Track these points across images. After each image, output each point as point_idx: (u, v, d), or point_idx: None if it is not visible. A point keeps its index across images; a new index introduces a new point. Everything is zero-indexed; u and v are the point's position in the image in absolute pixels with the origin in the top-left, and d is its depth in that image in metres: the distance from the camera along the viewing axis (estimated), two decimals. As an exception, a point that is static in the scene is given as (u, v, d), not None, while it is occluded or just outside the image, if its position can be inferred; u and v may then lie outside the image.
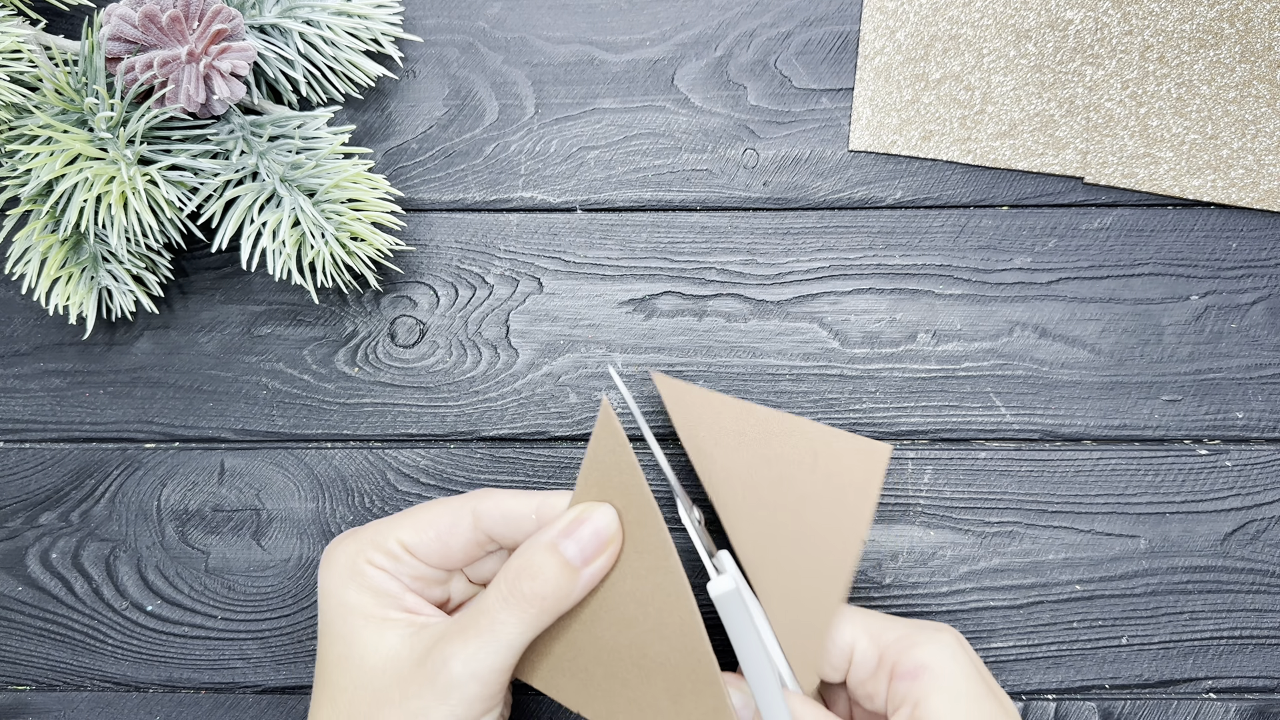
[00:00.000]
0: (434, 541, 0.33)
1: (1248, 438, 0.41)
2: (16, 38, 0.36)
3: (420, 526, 0.33)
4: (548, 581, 0.30)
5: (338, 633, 0.32)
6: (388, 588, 0.33)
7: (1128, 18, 0.41)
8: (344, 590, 0.32)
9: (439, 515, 0.33)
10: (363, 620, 0.32)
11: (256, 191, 0.38)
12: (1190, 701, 0.40)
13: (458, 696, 0.29)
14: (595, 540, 0.31)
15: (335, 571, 0.33)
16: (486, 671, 0.30)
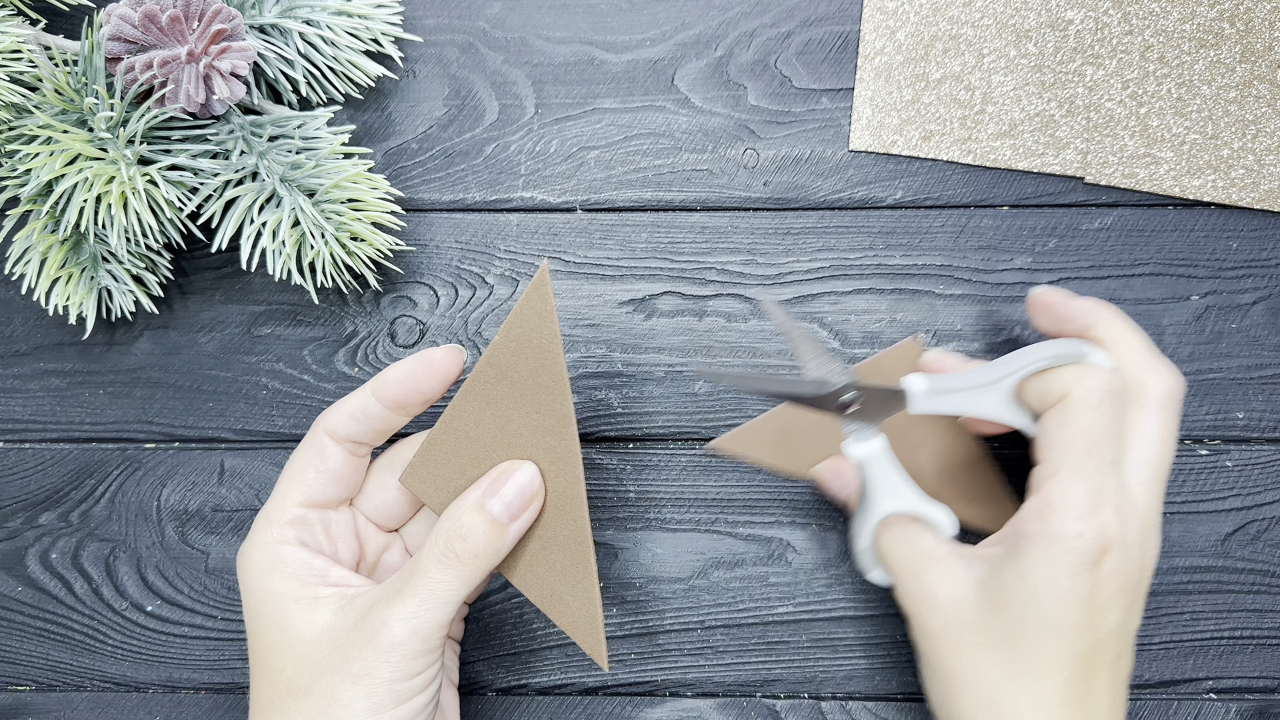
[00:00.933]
0: (316, 481, 0.34)
1: (1248, 438, 0.41)
2: (16, 37, 0.36)
3: (297, 479, 0.34)
4: (478, 540, 0.32)
5: (269, 622, 0.32)
6: (311, 565, 0.33)
7: (1128, 18, 0.41)
8: (267, 581, 0.32)
9: (304, 460, 0.34)
10: (292, 603, 0.32)
11: (256, 191, 0.38)
12: (1191, 702, 0.40)
13: (400, 653, 0.30)
14: (520, 497, 0.32)
15: (253, 569, 0.33)
16: (427, 627, 0.31)
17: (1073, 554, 0.30)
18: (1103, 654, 0.31)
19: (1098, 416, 0.31)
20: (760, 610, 0.41)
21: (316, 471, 0.34)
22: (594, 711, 0.41)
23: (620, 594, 0.41)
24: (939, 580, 0.32)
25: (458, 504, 0.32)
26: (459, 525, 0.32)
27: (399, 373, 0.34)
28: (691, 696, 0.41)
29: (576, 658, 0.41)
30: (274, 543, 0.33)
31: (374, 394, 0.34)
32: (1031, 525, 0.31)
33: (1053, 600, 0.30)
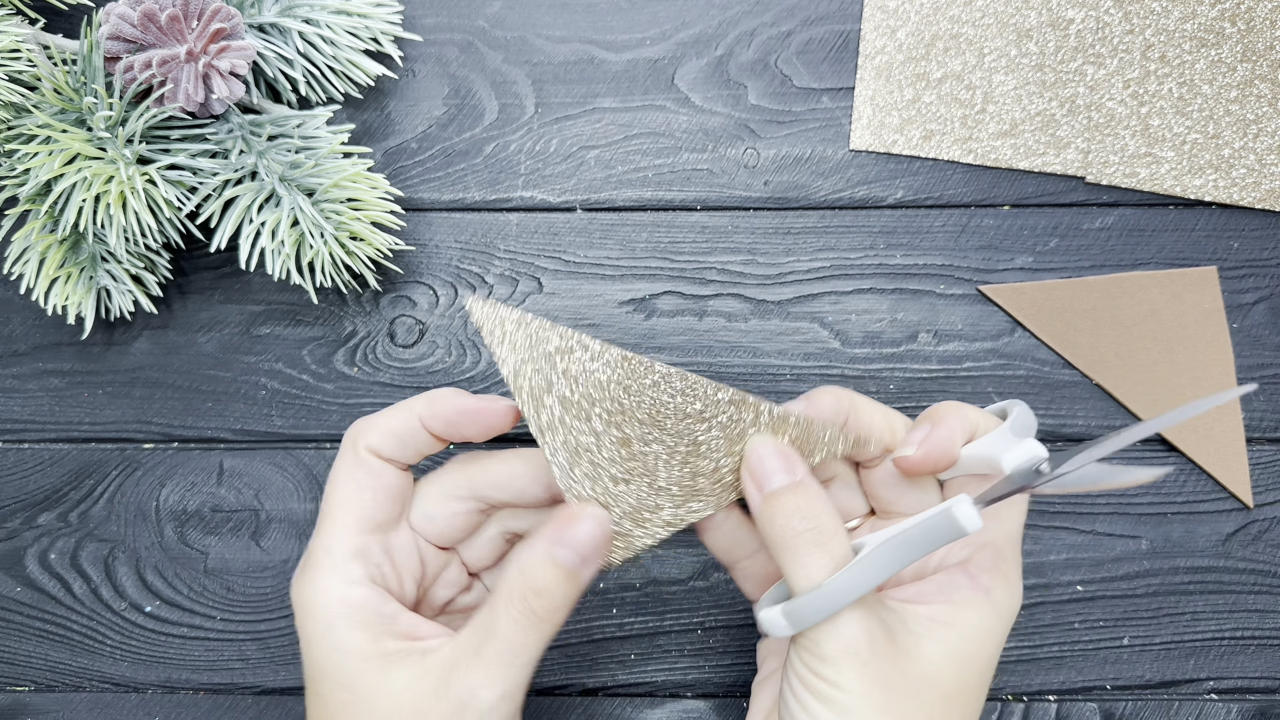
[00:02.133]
0: (375, 500, 0.32)
1: (1249, 438, 0.41)
2: (15, 37, 0.36)
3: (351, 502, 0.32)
4: (555, 595, 0.30)
5: (336, 680, 0.30)
6: (381, 611, 0.31)
7: (1129, 17, 0.41)
8: (332, 634, 0.31)
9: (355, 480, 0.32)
10: (361, 662, 0.30)
11: (255, 191, 0.38)
12: (1192, 702, 0.40)
13: (501, 712, 0.30)
14: (591, 541, 0.31)
15: (316, 614, 0.31)
16: (515, 689, 0.30)
17: (1006, 628, 0.31)
18: None
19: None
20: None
21: (373, 491, 0.32)
22: (594, 712, 0.41)
23: (620, 595, 0.41)
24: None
25: (529, 557, 0.31)
26: (534, 581, 0.30)
27: (451, 412, 0.32)
28: (691, 697, 0.41)
29: (577, 658, 0.41)
30: (339, 583, 0.31)
31: (422, 422, 0.32)
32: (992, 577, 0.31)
33: (977, 672, 0.30)
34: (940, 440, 0.31)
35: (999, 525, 0.32)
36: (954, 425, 0.31)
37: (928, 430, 0.31)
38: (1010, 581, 0.31)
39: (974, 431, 0.32)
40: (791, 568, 0.30)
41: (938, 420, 0.32)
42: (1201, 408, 0.25)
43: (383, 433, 0.32)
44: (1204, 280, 0.41)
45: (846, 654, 0.29)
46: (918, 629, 0.30)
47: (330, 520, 0.32)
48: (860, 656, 0.28)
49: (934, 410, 0.32)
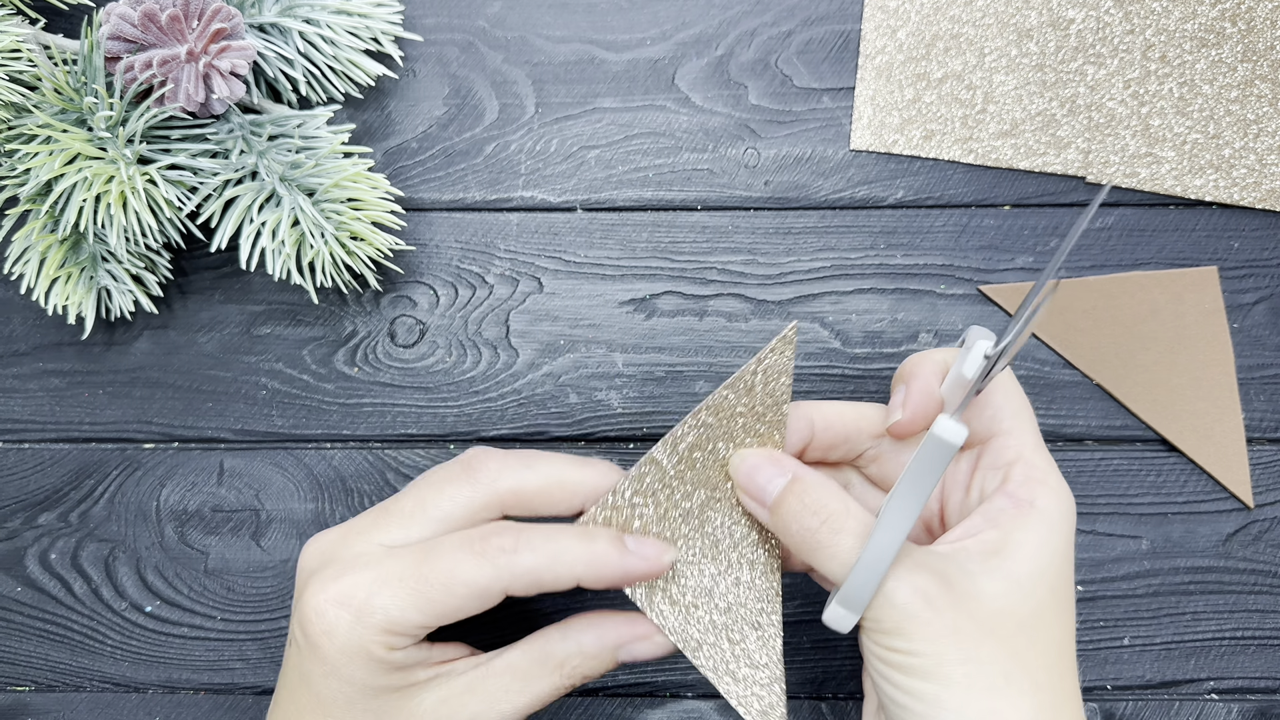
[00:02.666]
0: (458, 617, 0.30)
1: (1249, 438, 0.41)
2: (16, 37, 0.36)
3: (441, 611, 0.29)
4: (598, 677, 0.33)
5: (363, 707, 0.30)
6: (414, 658, 0.31)
7: (1129, 17, 0.41)
8: (367, 676, 0.30)
9: (465, 601, 0.29)
10: (393, 693, 0.30)
11: (256, 191, 0.38)
12: (1192, 703, 0.40)
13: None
14: (650, 656, 0.33)
15: (354, 660, 0.30)
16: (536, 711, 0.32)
17: (1066, 531, 0.30)
18: (1071, 637, 0.30)
19: (1016, 385, 0.33)
20: (761, 611, 0.41)
21: (465, 614, 0.30)
22: (594, 712, 0.41)
23: (621, 595, 0.41)
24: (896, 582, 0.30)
25: (595, 650, 0.32)
26: (591, 671, 0.32)
27: (614, 583, 0.32)
28: (692, 698, 0.41)
29: (577, 658, 0.41)
30: (382, 650, 0.30)
31: (584, 583, 0.31)
32: (1030, 488, 0.30)
33: (1068, 561, 0.30)
34: (920, 393, 0.32)
35: (1015, 439, 0.32)
36: (927, 373, 0.33)
37: (905, 390, 0.33)
38: (1051, 485, 0.31)
39: (945, 370, 0.33)
40: (824, 561, 0.30)
41: (910, 375, 0.33)
42: None
43: (537, 585, 0.30)
44: (1204, 280, 0.41)
45: (907, 619, 0.28)
46: (973, 566, 0.29)
47: (415, 600, 0.29)
48: (920, 618, 0.28)
49: (904, 368, 0.34)
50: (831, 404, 0.34)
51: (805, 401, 0.34)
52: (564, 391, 0.42)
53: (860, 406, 0.34)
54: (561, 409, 0.42)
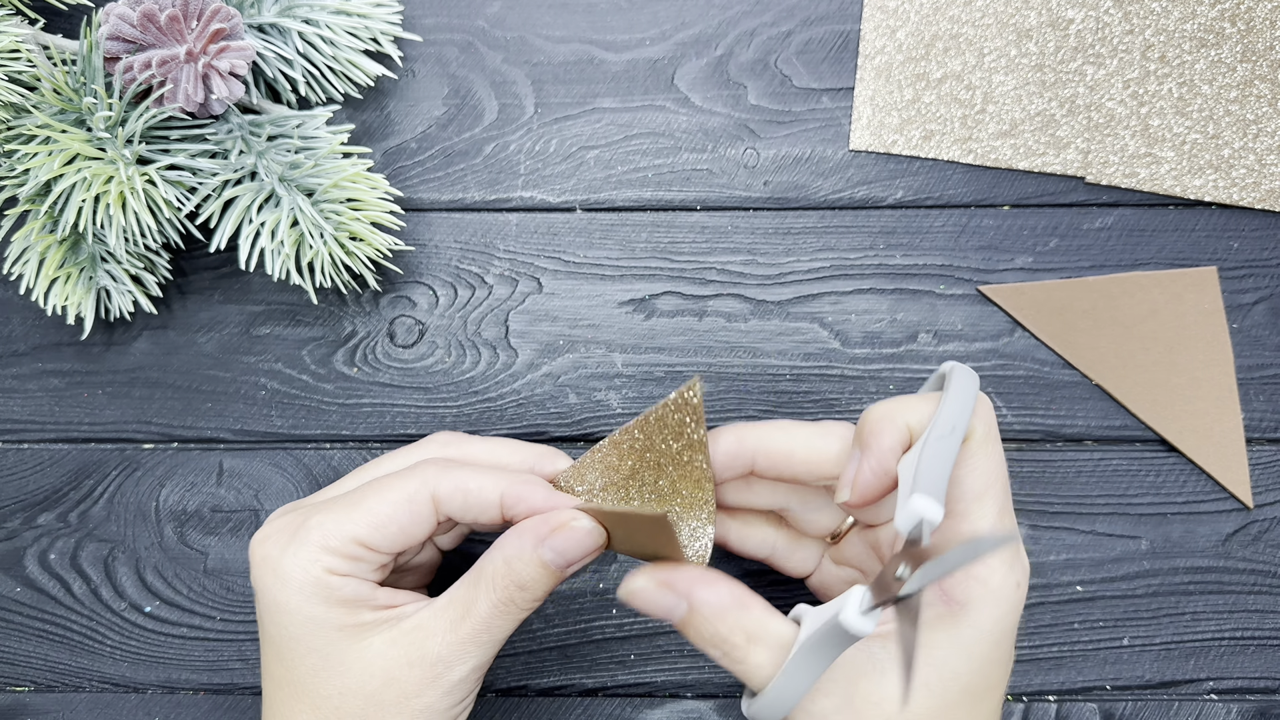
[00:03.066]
0: (397, 535, 0.31)
1: (1249, 438, 0.41)
2: (15, 37, 0.36)
3: (378, 523, 0.31)
4: (537, 589, 0.31)
5: (309, 646, 0.31)
6: (358, 593, 0.31)
7: (1129, 17, 0.41)
8: (308, 606, 0.31)
9: (396, 508, 0.31)
10: (337, 631, 0.31)
11: (255, 191, 0.38)
12: (1192, 703, 0.40)
13: (461, 688, 0.31)
14: (580, 552, 0.31)
15: (290, 585, 0.31)
16: (484, 664, 0.32)
17: (996, 634, 0.29)
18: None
19: (995, 450, 0.30)
20: (760, 611, 0.41)
21: (400, 529, 0.31)
22: (594, 712, 0.41)
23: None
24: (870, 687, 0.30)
25: (517, 553, 0.31)
26: (519, 576, 0.31)
27: (534, 509, 0.32)
28: (692, 698, 0.41)
29: (576, 659, 0.41)
30: (320, 571, 0.31)
31: (502, 507, 0.32)
32: (968, 588, 0.29)
33: (995, 663, 0.29)
34: (870, 476, 0.30)
35: (969, 525, 0.30)
36: (884, 449, 0.30)
37: (857, 464, 0.30)
38: (992, 586, 0.29)
39: (910, 435, 0.30)
40: (738, 678, 0.30)
41: (865, 446, 0.30)
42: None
43: (458, 489, 0.31)
44: (1204, 280, 0.41)
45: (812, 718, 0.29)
46: (885, 664, 0.29)
47: (338, 511, 0.31)
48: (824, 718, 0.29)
49: (863, 427, 0.31)
50: (782, 436, 0.32)
51: (756, 430, 0.32)
52: (563, 392, 0.42)
53: (814, 441, 0.31)
54: (561, 409, 0.42)
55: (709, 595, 0.30)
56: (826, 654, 0.27)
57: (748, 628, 0.29)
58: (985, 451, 0.30)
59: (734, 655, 0.29)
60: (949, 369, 0.31)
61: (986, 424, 0.30)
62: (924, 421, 0.30)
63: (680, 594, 0.30)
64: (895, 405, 0.30)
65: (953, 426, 0.28)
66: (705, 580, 0.30)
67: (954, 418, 0.29)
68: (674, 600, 0.30)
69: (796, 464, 0.31)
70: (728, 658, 0.30)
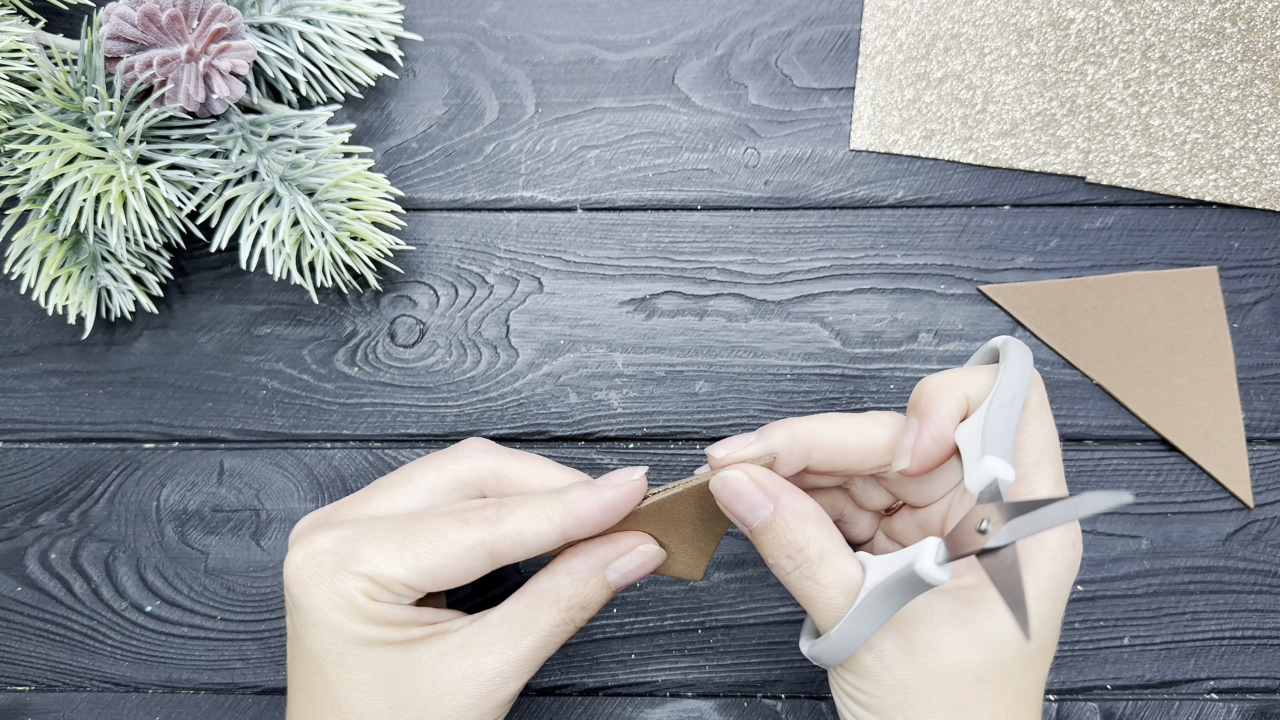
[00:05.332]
0: (445, 583, 0.30)
1: (1249, 438, 0.41)
2: (16, 37, 0.36)
3: (430, 571, 0.30)
4: (596, 607, 0.32)
5: (358, 661, 0.30)
6: (405, 616, 0.31)
7: (1129, 17, 0.41)
8: (356, 625, 0.30)
9: (449, 560, 0.30)
10: (386, 647, 0.30)
11: (256, 191, 0.38)
12: (1192, 702, 0.40)
13: (510, 703, 0.32)
14: (642, 571, 0.32)
15: (341, 608, 0.30)
16: (534, 671, 0.32)
17: (1053, 591, 0.30)
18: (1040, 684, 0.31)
19: (1048, 419, 0.31)
20: (760, 610, 0.41)
21: (450, 579, 0.30)
22: (595, 712, 0.41)
23: (621, 595, 0.41)
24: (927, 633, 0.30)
25: (583, 575, 0.31)
26: (584, 597, 0.31)
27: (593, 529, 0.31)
28: (692, 697, 0.41)
29: (577, 658, 0.41)
30: (366, 600, 0.30)
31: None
32: (1028, 547, 0.30)
33: (1049, 621, 0.30)
34: (931, 443, 0.30)
35: (1026, 488, 0.30)
36: (942, 417, 0.30)
37: (916, 432, 0.30)
38: (1049, 544, 0.30)
39: (967, 405, 0.31)
40: (801, 600, 0.31)
41: (924, 414, 0.30)
42: None
43: (522, 548, 0.31)
44: (1204, 280, 0.41)
45: (862, 668, 0.30)
46: (944, 613, 0.30)
47: (402, 559, 0.30)
48: (872, 669, 0.30)
49: (919, 397, 0.31)
50: (834, 427, 0.32)
51: (808, 423, 0.32)
52: (564, 391, 0.42)
53: (867, 430, 0.31)
54: (561, 409, 0.42)
55: (796, 502, 0.30)
56: (896, 600, 0.28)
57: (824, 545, 0.30)
58: (1040, 419, 0.31)
59: (806, 569, 0.29)
60: (1002, 343, 0.32)
61: (1040, 394, 0.31)
62: (981, 392, 0.30)
63: (770, 495, 0.30)
64: (952, 376, 0.31)
65: (1014, 395, 0.29)
66: (792, 488, 0.30)
67: (1014, 386, 0.30)
68: (763, 499, 0.30)
69: (851, 454, 0.31)
70: (799, 571, 0.30)
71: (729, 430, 0.41)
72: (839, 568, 0.29)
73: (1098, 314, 0.41)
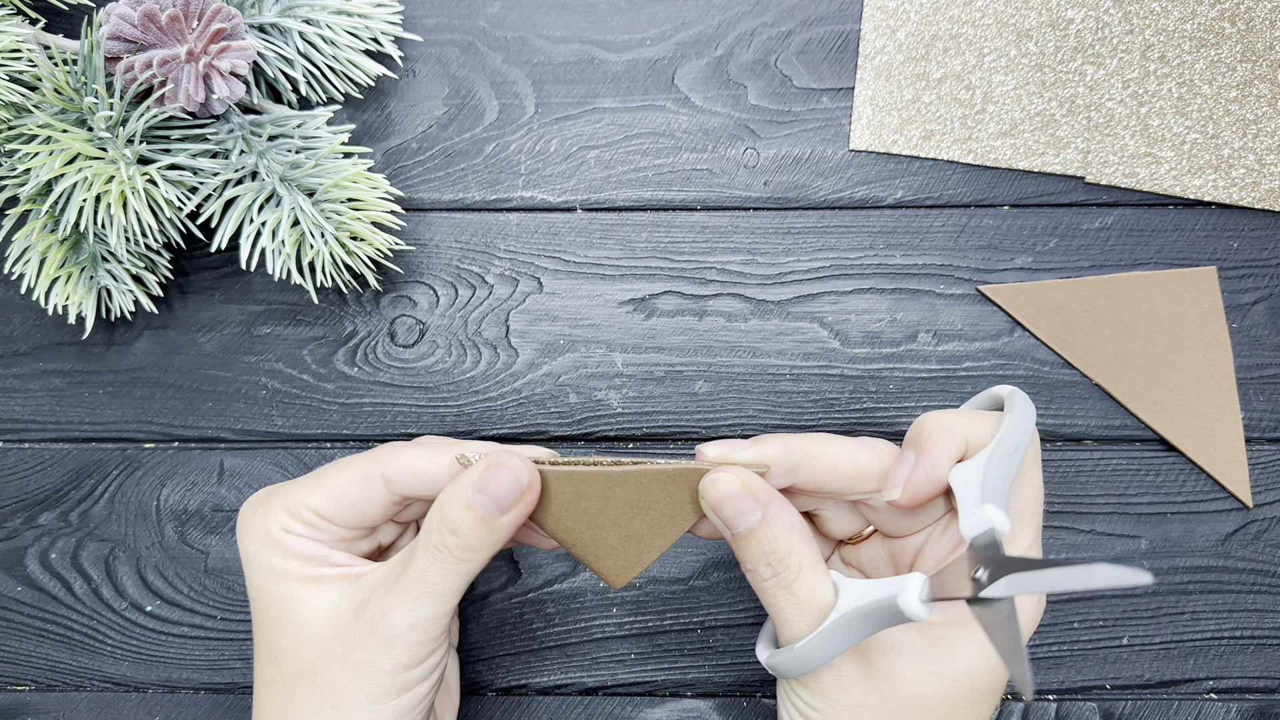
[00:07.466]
0: (348, 509, 0.32)
1: (1248, 438, 0.41)
2: (16, 37, 0.36)
3: (331, 495, 0.32)
4: (470, 537, 0.30)
5: (271, 597, 0.32)
6: (312, 551, 0.32)
7: (1129, 17, 0.41)
8: (268, 556, 0.32)
9: (349, 483, 0.32)
10: (295, 582, 0.32)
11: (256, 191, 0.38)
12: (1191, 702, 0.40)
13: (400, 646, 0.30)
14: (508, 491, 0.30)
15: (255, 539, 0.32)
16: (426, 620, 0.31)
17: (1034, 619, 0.31)
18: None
19: (1039, 476, 0.31)
20: (760, 610, 0.41)
21: (352, 505, 0.32)
22: (594, 711, 0.41)
23: (621, 594, 0.41)
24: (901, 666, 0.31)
25: (448, 498, 0.31)
26: (449, 520, 0.30)
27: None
28: (692, 697, 0.41)
29: (576, 658, 0.41)
30: (278, 529, 0.32)
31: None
32: None
33: (970, 685, 0.30)
34: (924, 479, 0.30)
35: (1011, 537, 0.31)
36: (940, 455, 0.30)
37: (911, 465, 0.30)
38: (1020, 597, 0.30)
39: (965, 448, 0.31)
40: (769, 612, 0.31)
41: (922, 450, 0.30)
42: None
43: (411, 470, 0.32)
44: (1203, 280, 0.41)
45: (819, 684, 0.30)
46: (902, 646, 0.30)
47: (313, 490, 0.32)
48: (828, 689, 0.30)
49: (919, 432, 0.31)
50: (826, 449, 0.31)
51: (801, 440, 0.31)
52: (564, 391, 0.42)
53: (858, 455, 0.31)
54: (561, 409, 0.42)
55: (785, 511, 0.30)
56: (868, 627, 0.28)
57: (804, 558, 0.30)
58: (1032, 475, 0.31)
59: (783, 579, 0.30)
60: (1008, 393, 0.32)
61: (1035, 451, 0.31)
62: (981, 438, 0.31)
63: (760, 502, 0.30)
64: (955, 417, 0.31)
65: (1015, 448, 0.29)
66: (781, 498, 0.30)
67: (1017, 439, 0.30)
68: (753, 505, 0.30)
69: (840, 477, 0.31)
70: (776, 580, 0.30)
71: (728, 430, 0.41)
72: (815, 584, 0.30)
73: (1097, 314, 0.41)
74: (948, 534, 0.32)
